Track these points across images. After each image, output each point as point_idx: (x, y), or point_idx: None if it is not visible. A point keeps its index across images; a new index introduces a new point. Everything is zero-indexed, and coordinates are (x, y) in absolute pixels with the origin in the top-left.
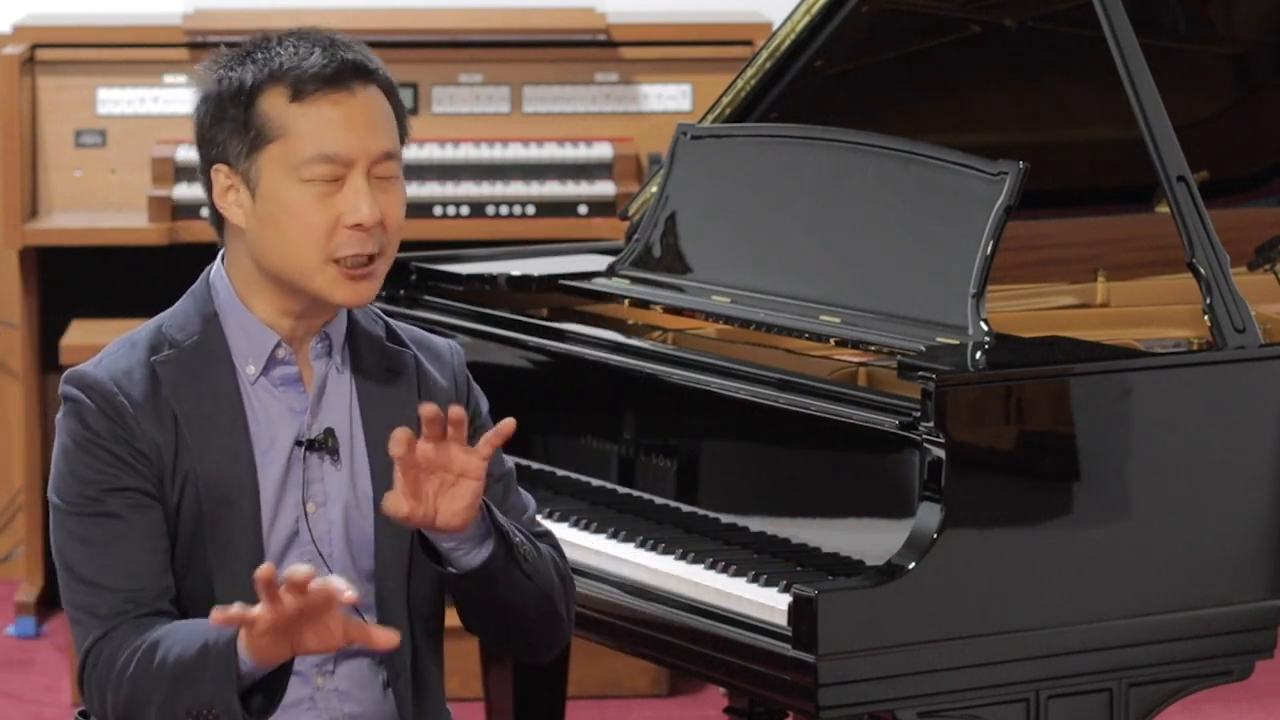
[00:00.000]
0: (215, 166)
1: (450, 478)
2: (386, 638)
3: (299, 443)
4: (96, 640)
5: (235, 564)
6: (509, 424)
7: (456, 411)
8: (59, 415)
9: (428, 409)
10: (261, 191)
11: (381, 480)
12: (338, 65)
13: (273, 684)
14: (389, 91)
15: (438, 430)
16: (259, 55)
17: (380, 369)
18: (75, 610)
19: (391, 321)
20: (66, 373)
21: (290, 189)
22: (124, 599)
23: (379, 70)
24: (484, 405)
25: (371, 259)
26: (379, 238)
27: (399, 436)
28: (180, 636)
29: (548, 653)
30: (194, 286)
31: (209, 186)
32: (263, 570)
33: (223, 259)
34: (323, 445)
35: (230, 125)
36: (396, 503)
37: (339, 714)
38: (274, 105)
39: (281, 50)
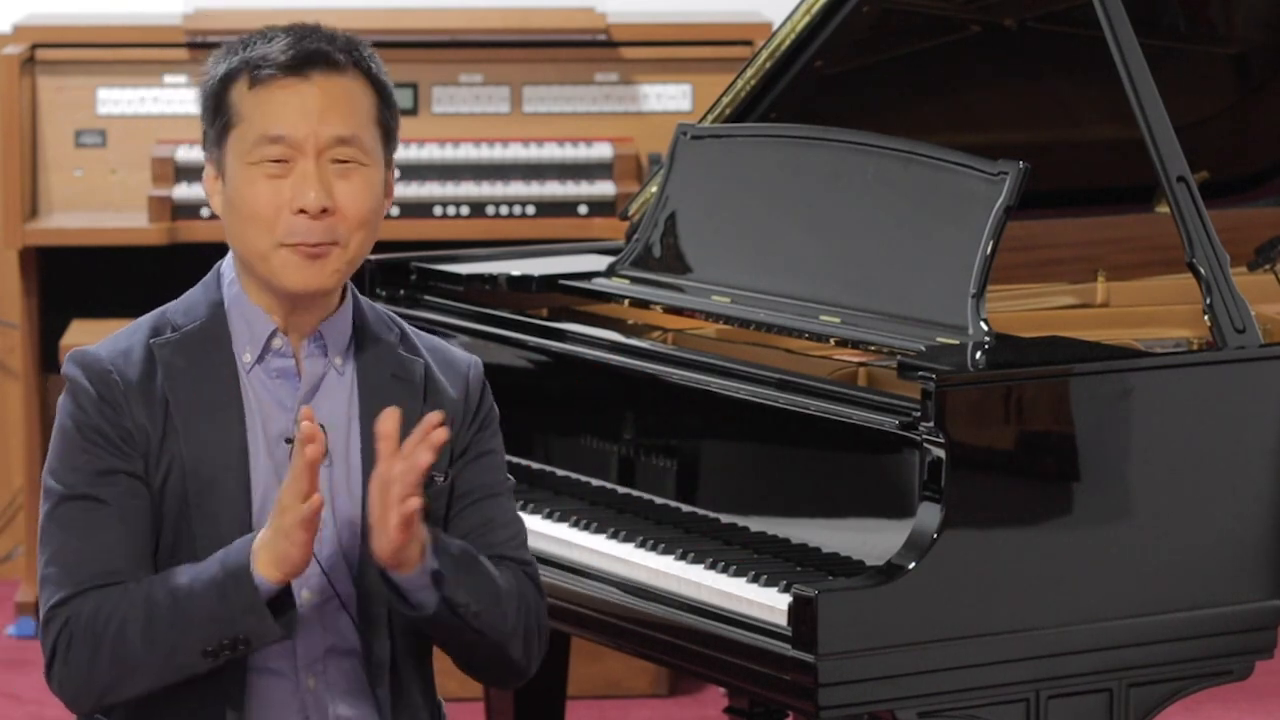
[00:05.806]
0: (206, 157)
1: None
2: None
3: (288, 440)
4: (71, 608)
5: (221, 548)
6: (434, 422)
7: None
8: (60, 396)
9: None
10: (227, 178)
11: None
12: (296, 52)
13: (285, 602)
14: (373, 82)
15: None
16: (239, 48)
17: (386, 375)
18: (46, 585)
19: (410, 330)
20: (69, 351)
21: (243, 172)
22: (95, 577)
23: (347, 59)
24: (495, 419)
25: (323, 246)
26: (332, 226)
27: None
28: (174, 583)
29: (504, 686)
30: (206, 276)
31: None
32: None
33: None
34: None
35: (208, 116)
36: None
37: (329, 715)
38: (237, 93)
39: (259, 41)
